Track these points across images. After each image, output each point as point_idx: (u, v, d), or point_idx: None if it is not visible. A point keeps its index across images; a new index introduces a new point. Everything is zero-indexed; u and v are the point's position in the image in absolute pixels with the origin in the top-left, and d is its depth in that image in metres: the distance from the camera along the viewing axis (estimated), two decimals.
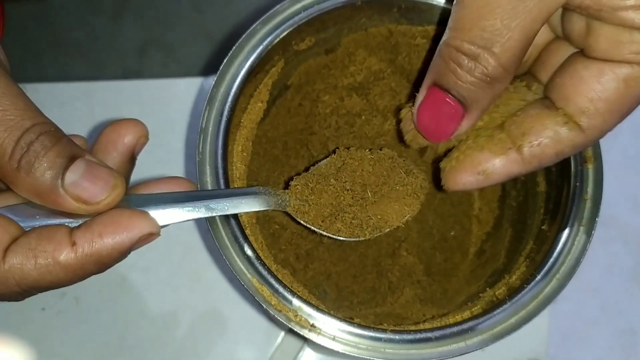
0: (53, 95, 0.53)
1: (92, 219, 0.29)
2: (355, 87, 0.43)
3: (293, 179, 0.37)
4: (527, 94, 0.33)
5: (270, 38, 0.37)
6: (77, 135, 0.33)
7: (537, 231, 0.39)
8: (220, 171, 0.35)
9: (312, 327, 0.33)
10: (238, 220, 0.34)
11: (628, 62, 0.29)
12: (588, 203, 0.36)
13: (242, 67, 0.37)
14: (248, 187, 0.35)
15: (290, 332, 0.49)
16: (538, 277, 0.34)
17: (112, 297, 0.50)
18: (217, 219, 0.34)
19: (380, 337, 0.33)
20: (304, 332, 0.33)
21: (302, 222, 0.36)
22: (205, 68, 0.61)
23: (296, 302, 0.33)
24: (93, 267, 0.29)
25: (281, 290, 0.33)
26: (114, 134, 0.32)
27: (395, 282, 0.43)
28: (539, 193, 0.40)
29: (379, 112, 0.43)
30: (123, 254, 0.29)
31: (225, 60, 0.37)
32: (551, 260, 0.35)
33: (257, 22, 0.37)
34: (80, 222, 0.29)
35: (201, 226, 0.51)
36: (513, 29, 0.28)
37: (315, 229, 0.36)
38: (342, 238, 0.36)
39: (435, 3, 0.38)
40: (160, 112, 0.53)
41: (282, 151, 0.43)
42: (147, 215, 0.29)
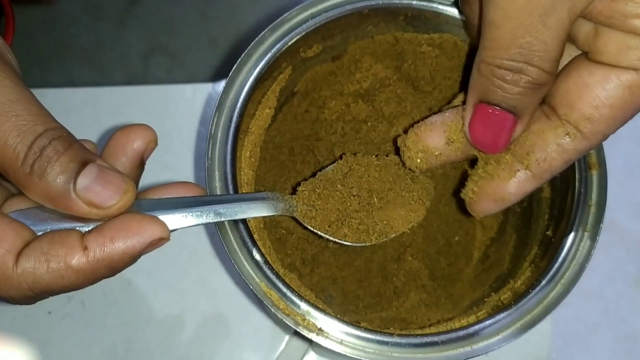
0: (59, 101, 0.53)
1: (104, 223, 0.29)
2: (362, 93, 0.43)
3: (300, 185, 0.37)
4: None
5: (278, 45, 0.37)
6: (87, 140, 0.33)
7: (541, 237, 0.39)
8: (229, 176, 0.35)
9: (320, 330, 0.33)
10: (246, 225, 0.34)
11: (634, 69, 0.29)
12: (592, 209, 0.36)
13: (251, 74, 0.37)
14: (257, 193, 0.35)
15: (295, 335, 0.49)
16: (543, 282, 0.34)
17: (118, 301, 0.50)
18: (226, 224, 0.34)
19: (387, 341, 0.33)
20: (312, 336, 0.33)
21: (310, 227, 0.36)
22: (210, 74, 0.62)
23: (304, 306, 0.33)
24: (104, 271, 0.29)
25: (289, 294, 0.33)
26: (123, 139, 0.33)
27: (401, 286, 0.43)
28: (543, 199, 0.40)
29: (384, 118, 0.44)
30: (134, 258, 0.29)
31: (234, 67, 0.37)
32: (556, 265, 0.35)
33: (266, 29, 0.37)
34: (92, 226, 0.29)
35: (207, 230, 0.51)
36: (548, 43, 0.29)
37: (322, 234, 0.36)
38: (349, 243, 0.37)
39: (441, 11, 0.38)
40: (167, 117, 0.54)
41: (289, 157, 0.43)
42: (158, 220, 0.29)
